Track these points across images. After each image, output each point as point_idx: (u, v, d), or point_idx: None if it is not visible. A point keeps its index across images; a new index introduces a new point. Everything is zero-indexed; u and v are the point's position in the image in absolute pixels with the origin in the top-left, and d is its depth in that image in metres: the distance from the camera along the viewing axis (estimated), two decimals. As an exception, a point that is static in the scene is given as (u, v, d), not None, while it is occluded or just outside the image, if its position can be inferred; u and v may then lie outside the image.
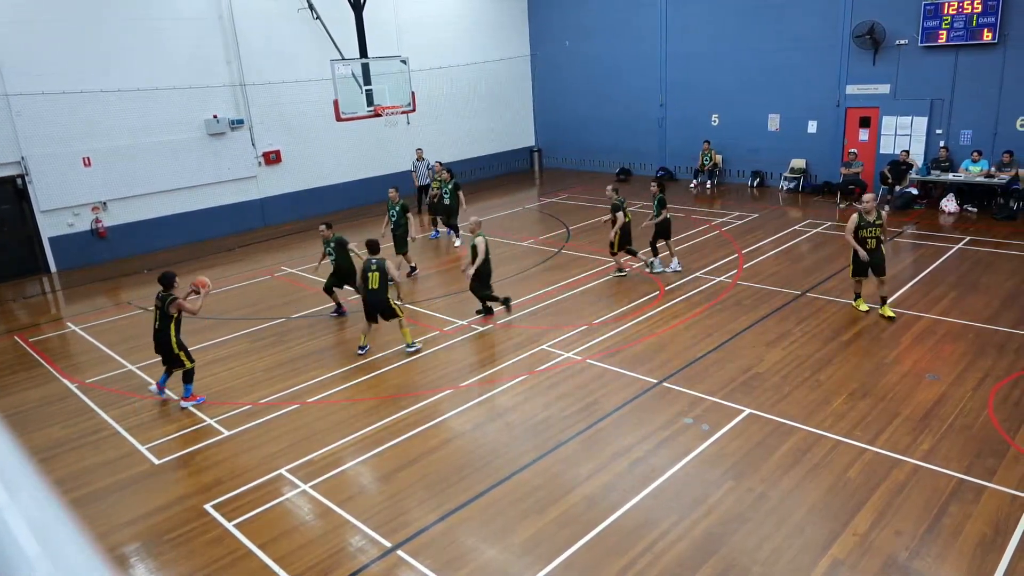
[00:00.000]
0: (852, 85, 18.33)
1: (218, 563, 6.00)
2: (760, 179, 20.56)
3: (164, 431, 8.35)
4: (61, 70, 15.42)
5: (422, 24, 21.91)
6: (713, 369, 9.01)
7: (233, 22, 17.91)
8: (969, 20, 16.06)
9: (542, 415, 8.14)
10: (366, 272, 9.77)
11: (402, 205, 13.39)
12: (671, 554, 5.72)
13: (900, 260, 13.25)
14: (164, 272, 8.72)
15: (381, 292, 9.72)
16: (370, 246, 10.01)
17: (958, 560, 5.47)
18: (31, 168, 15.38)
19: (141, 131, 16.82)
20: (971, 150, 16.51)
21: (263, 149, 19.03)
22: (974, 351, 9.08)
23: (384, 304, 9.77)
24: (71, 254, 16.28)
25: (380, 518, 6.44)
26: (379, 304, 9.76)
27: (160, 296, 8.61)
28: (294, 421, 8.38)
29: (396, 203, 13.42)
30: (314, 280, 14.10)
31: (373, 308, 9.81)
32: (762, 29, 19.50)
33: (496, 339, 10.49)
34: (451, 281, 13.54)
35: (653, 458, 7.12)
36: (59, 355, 11.14)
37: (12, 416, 9.04)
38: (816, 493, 6.39)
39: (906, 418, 7.58)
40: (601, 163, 24.65)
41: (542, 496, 6.61)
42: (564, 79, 24.84)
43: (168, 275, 8.66)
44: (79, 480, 7.42)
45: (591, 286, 12.59)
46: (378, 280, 9.68)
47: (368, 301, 9.81)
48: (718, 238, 15.25)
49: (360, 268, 10.14)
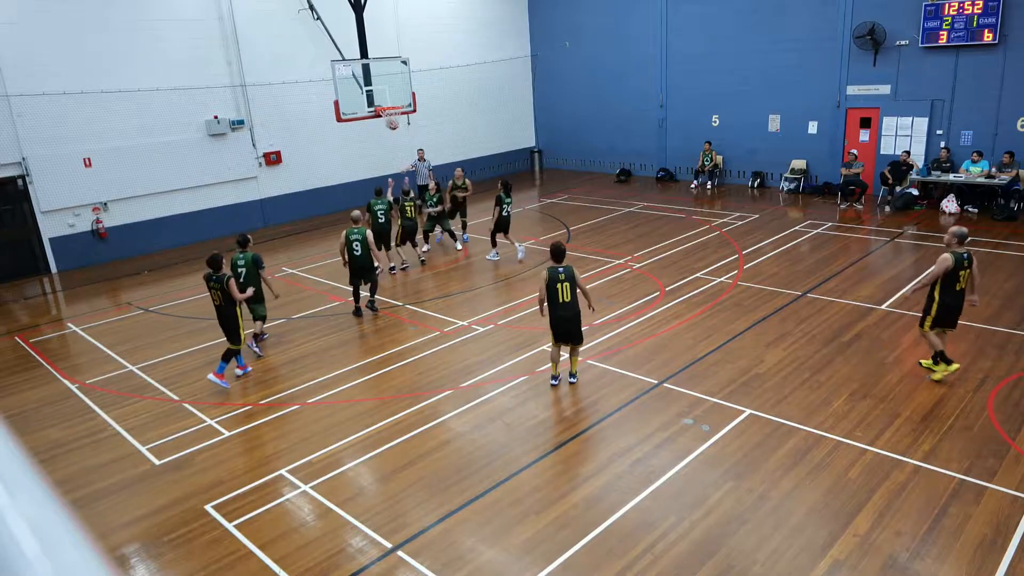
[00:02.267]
0: (852, 86, 18.33)
1: (218, 564, 6.00)
2: (760, 180, 20.56)
3: (164, 432, 8.35)
4: (62, 71, 15.44)
5: (423, 25, 21.93)
6: (713, 370, 9.01)
7: (234, 23, 17.92)
8: (970, 21, 16.06)
9: (542, 416, 8.14)
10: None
11: (388, 202, 13.87)
12: (671, 555, 5.72)
13: (901, 261, 13.26)
14: (212, 254, 9.26)
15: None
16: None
17: (958, 561, 5.47)
18: (32, 169, 15.39)
19: (142, 132, 16.83)
20: (971, 151, 16.51)
21: (264, 150, 19.04)
22: (974, 352, 9.08)
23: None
24: (72, 255, 16.29)
25: (380, 519, 6.45)
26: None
27: (215, 277, 9.15)
28: (294, 422, 8.39)
29: (383, 198, 13.97)
30: (314, 280, 14.11)
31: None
32: (762, 30, 19.50)
33: (496, 340, 10.49)
34: (451, 282, 13.55)
35: (653, 459, 7.12)
36: (59, 356, 11.15)
37: (13, 417, 9.05)
38: (816, 494, 6.39)
39: (906, 419, 7.57)
40: (601, 164, 24.66)
41: (542, 497, 6.61)
42: (564, 80, 24.85)
43: (216, 256, 9.21)
44: (79, 481, 7.43)
45: (591, 287, 12.58)
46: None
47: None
48: (718, 239, 15.26)
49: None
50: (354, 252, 11.30)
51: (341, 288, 13.45)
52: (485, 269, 14.23)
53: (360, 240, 11.28)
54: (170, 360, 10.54)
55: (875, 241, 14.53)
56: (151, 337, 11.61)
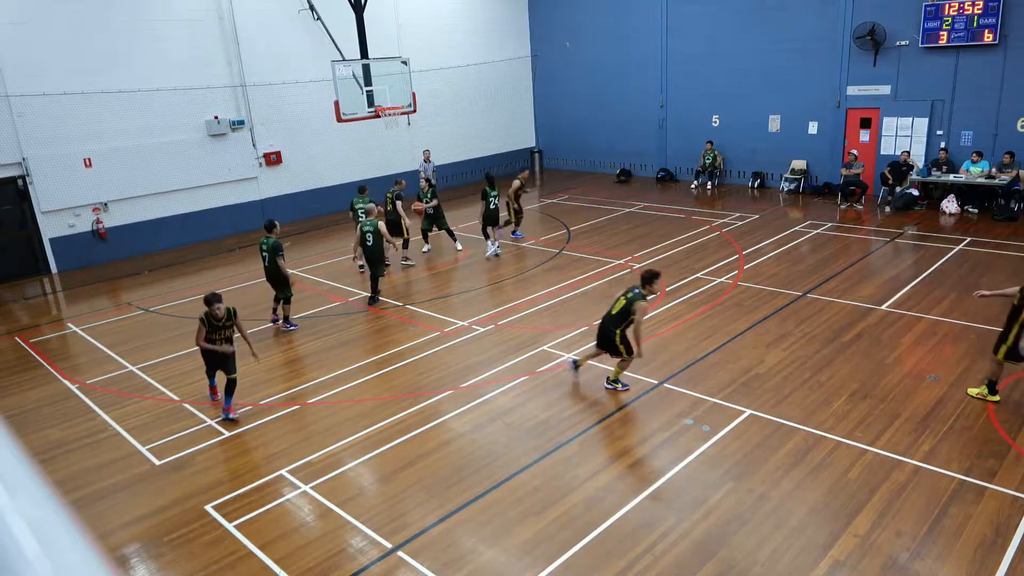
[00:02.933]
0: (853, 86, 18.33)
1: (218, 564, 6.00)
2: (761, 180, 20.56)
3: (165, 432, 8.35)
4: (62, 71, 15.44)
5: (423, 25, 21.93)
6: (714, 370, 9.01)
7: (234, 23, 17.92)
8: (970, 21, 16.06)
9: (542, 416, 8.14)
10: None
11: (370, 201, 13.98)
12: (671, 555, 5.72)
13: (901, 261, 13.26)
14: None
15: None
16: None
17: (958, 561, 5.47)
18: (32, 169, 15.39)
19: (142, 132, 16.83)
20: (972, 151, 16.51)
21: (264, 150, 19.04)
22: (975, 352, 9.08)
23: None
24: (72, 255, 16.29)
25: (380, 519, 6.45)
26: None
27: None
28: (294, 422, 8.39)
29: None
30: (314, 280, 14.11)
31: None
32: (762, 30, 19.50)
33: (496, 340, 10.49)
34: (451, 282, 13.55)
35: (653, 459, 7.12)
36: (59, 356, 11.15)
37: (13, 417, 9.05)
38: (816, 494, 6.39)
39: (907, 419, 7.57)
40: (601, 164, 24.66)
41: (542, 497, 6.61)
42: (564, 80, 24.85)
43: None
44: (79, 481, 7.43)
45: (592, 287, 12.59)
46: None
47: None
48: (719, 239, 15.25)
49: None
50: (367, 243, 12.03)
51: (341, 288, 13.45)
52: (485, 269, 14.24)
53: (372, 232, 12.00)
54: (170, 360, 10.54)
55: (875, 241, 14.53)
56: (151, 337, 11.61)
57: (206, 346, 8.30)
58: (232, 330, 8.50)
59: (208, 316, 8.22)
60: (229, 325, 8.42)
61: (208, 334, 8.28)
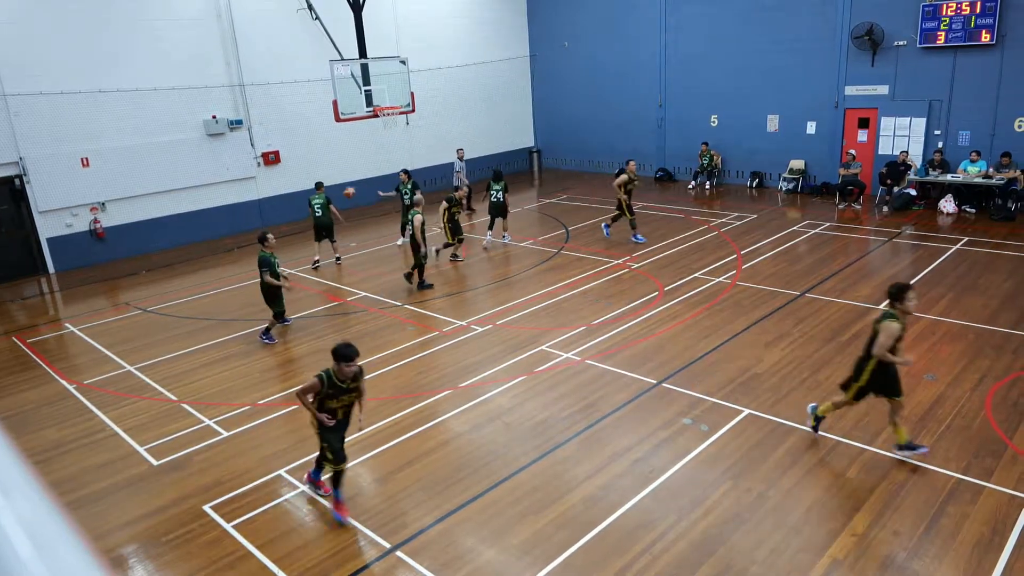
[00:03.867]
0: (851, 86, 18.34)
1: (217, 564, 6.00)
2: (759, 180, 20.57)
3: (163, 432, 8.34)
4: (59, 70, 15.42)
5: (422, 25, 21.92)
6: (712, 370, 9.01)
7: (232, 22, 17.90)
8: (967, 21, 16.07)
9: (541, 416, 8.14)
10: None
11: (326, 197, 14.61)
12: (670, 554, 5.72)
13: (899, 261, 13.27)
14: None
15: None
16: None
17: (956, 560, 5.48)
18: (29, 168, 15.37)
19: (140, 131, 16.81)
20: (969, 151, 16.53)
21: (262, 150, 19.02)
22: (972, 351, 9.09)
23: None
24: (69, 255, 16.27)
25: (379, 519, 6.44)
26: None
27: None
28: (293, 422, 8.38)
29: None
30: (313, 280, 14.10)
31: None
32: (761, 30, 19.51)
33: (495, 340, 10.49)
34: (450, 282, 13.55)
35: (652, 459, 7.12)
36: (57, 356, 11.13)
37: (10, 417, 9.03)
38: (814, 493, 6.40)
39: (904, 418, 7.56)
40: (600, 164, 24.67)
41: (541, 497, 6.61)
42: (563, 80, 24.85)
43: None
44: (77, 481, 7.42)
45: (590, 287, 12.59)
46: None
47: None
48: (717, 239, 15.26)
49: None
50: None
51: (341, 288, 13.45)
52: (484, 269, 14.24)
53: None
54: (168, 360, 10.53)
55: (873, 241, 14.54)
56: (149, 337, 11.59)
57: (320, 417, 6.09)
58: (357, 393, 6.32)
59: (331, 375, 6.06)
60: (355, 388, 6.25)
61: (324, 401, 6.08)
